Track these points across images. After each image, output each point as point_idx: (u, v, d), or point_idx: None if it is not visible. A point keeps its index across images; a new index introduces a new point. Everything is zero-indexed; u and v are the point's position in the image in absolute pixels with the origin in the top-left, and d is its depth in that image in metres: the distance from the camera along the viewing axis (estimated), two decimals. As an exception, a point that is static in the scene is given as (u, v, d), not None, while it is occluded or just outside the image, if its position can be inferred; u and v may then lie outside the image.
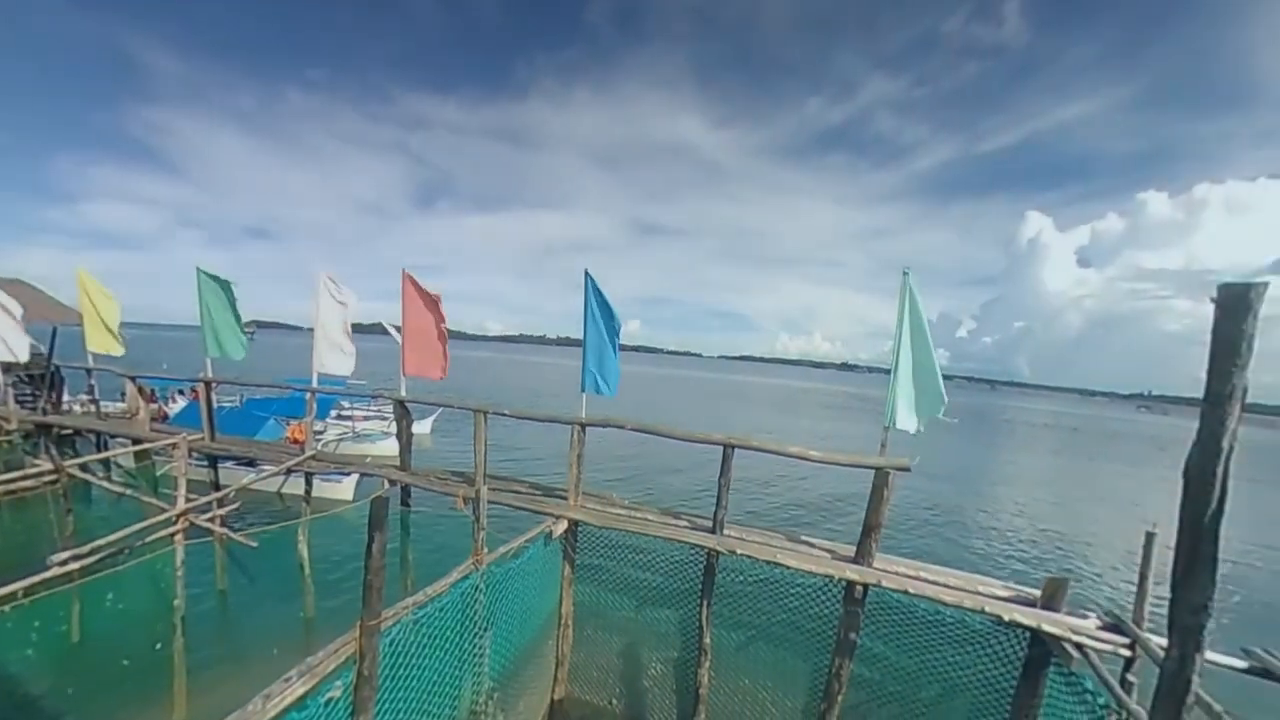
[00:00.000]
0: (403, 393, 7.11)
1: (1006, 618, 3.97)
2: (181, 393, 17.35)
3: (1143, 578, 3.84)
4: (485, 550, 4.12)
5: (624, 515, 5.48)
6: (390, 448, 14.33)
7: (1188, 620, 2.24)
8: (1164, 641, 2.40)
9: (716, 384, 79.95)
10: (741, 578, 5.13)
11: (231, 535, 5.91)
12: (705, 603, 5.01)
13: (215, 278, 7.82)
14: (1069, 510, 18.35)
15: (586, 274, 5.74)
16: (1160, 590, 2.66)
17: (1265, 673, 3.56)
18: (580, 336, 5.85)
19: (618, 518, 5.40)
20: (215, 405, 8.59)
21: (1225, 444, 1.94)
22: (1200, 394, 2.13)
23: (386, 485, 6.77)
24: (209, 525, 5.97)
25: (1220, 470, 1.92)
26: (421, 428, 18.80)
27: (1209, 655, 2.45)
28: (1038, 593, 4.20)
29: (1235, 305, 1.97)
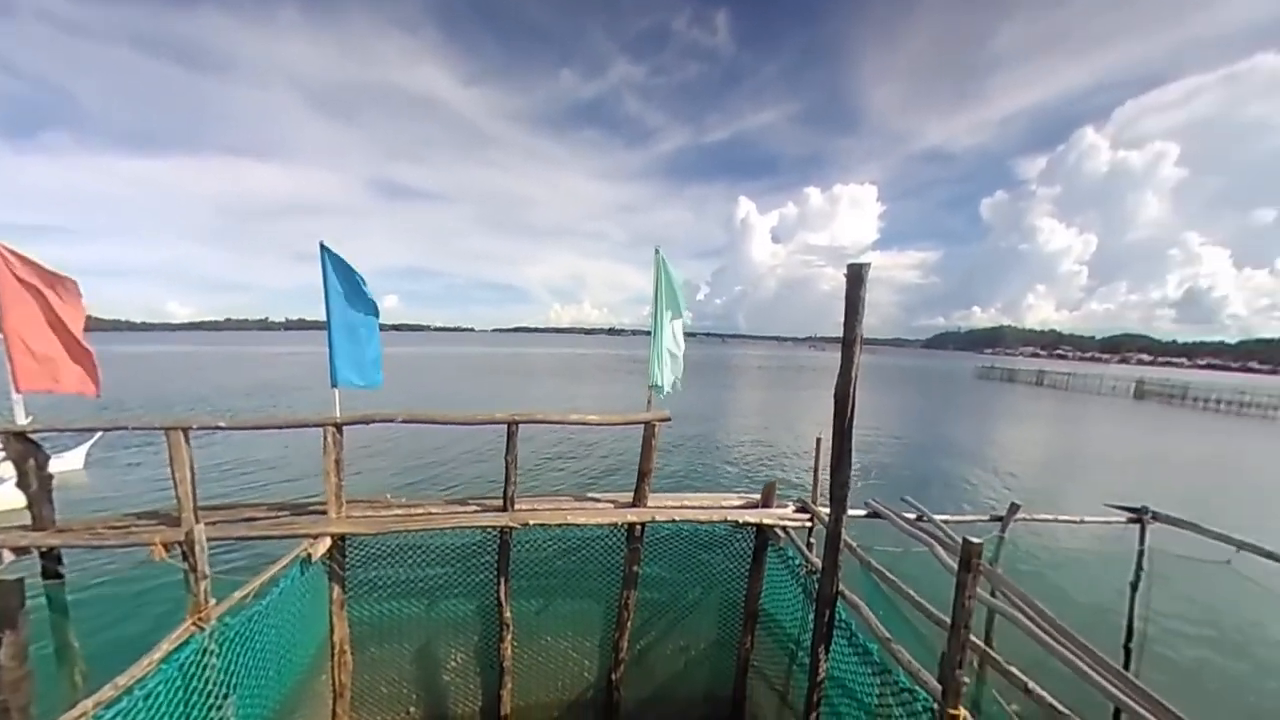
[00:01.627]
0: (20, 419, 4.82)
1: (741, 521, 5.14)
2: None
3: (816, 469, 5.44)
4: (211, 602, 3.25)
5: (402, 515, 4.99)
6: (4, 499, 9.71)
7: (839, 493, 3.30)
8: (827, 510, 3.50)
9: (494, 359, 77.23)
10: (537, 546, 5.30)
11: None
12: (503, 580, 5.03)
13: None
14: (780, 427, 24.38)
15: (322, 246, 4.79)
16: (826, 475, 3.80)
17: (876, 515, 5.49)
18: (320, 318, 4.90)
19: (395, 519, 4.88)
20: None
21: (854, 374, 2.89)
22: (842, 335, 3.09)
23: (6, 558, 4.60)
24: None
25: (852, 392, 2.87)
26: (68, 462, 13.18)
27: (850, 512, 3.67)
28: (759, 496, 5.53)
29: (856, 277, 2.90)
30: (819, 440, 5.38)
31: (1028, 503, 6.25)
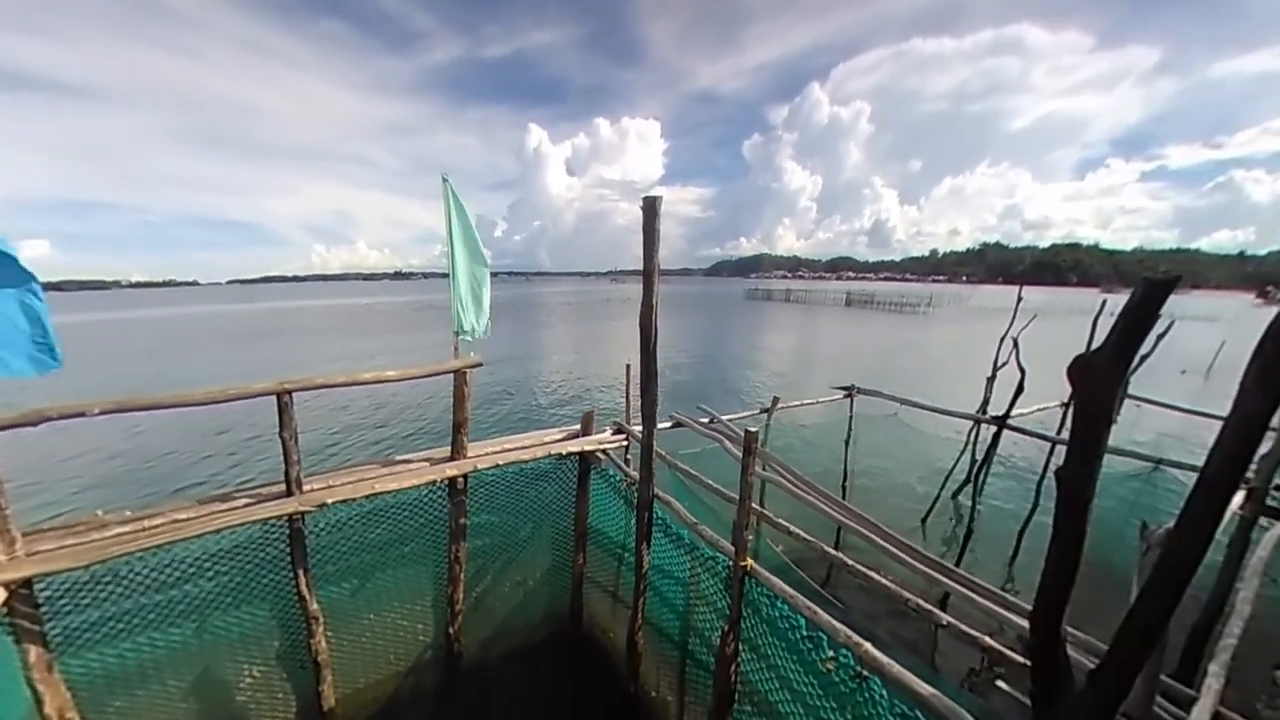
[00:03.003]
0: None
1: (564, 453, 5.34)
2: None
3: (628, 392, 5.89)
4: None
5: (129, 534, 3.81)
6: None
7: (648, 411, 3.65)
8: (640, 428, 3.86)
9: (239, 319, 61.00)
10: (341, 526, 4.68)
11: None
12: (301, 572, 4.35)
13: None
14: (592, 358, 25.48)
15: None
16: (637, 397, 4.14)
17: (679, 424, 6.28)
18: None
19: (117, 540, 3.70)
20: None
21: (655, 303, 3.12)
22: (641, 268, 3.28)
23: None
24: None
25: (654, 320, 3.10)
26: None
27: (659, 426, 4.12)
28: (579, 426, 5.79)
29: (651, 210, 3.05)
30: (628, 366, 5.80)
31: (784, 393, 7.95)
